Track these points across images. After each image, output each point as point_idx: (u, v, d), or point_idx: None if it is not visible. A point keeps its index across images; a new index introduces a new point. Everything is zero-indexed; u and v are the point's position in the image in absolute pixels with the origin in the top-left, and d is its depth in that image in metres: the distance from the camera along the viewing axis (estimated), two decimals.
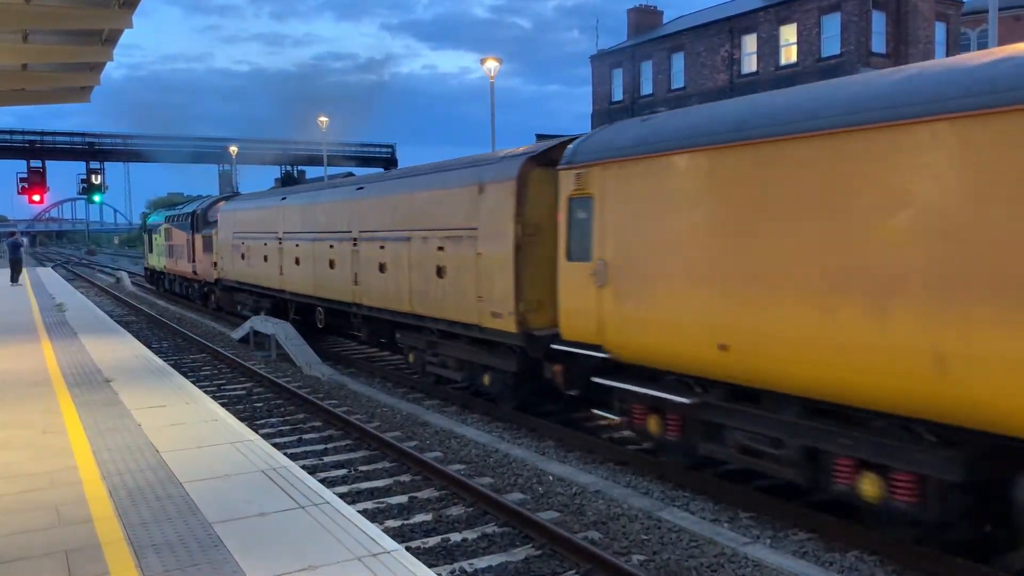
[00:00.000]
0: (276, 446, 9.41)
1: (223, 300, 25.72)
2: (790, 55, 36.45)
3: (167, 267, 33.69)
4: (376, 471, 9.45)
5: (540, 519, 7.32)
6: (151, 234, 37.75)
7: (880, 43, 34.25)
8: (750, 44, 38.28)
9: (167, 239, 32.74)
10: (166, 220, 33.38)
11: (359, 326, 16.64)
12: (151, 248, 38.16)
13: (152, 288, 38.69)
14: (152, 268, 38.40)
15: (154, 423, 8.28)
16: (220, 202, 26.97)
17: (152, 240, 37.40)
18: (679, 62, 42.14)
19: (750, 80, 37.28)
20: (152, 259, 37.96)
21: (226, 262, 24.37)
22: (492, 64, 28.98)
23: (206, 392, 11.84)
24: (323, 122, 48.11)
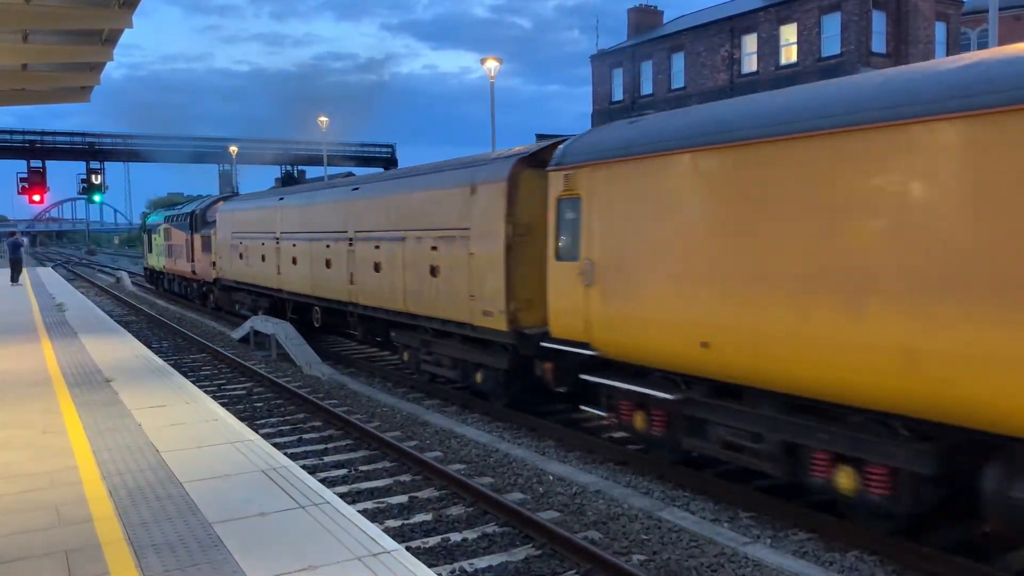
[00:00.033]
0: (276, 446, 9.41)
1: (222, 299, 25.84)
2: (790, 55, 36.44)
3: (166, 267, 33.79)
4: (376, 471, 9.45)
5: (540, 519, 7.32)
6: (150, 234, 37.85)
7: (880, 43, 34.24)
8: (750, 44, 38.27)
9: (166, 239, 32.85)
10: (165, 220, 33.48)
11: (355, 325, 16.79)
12: (150, 248, 38.25)
13: (152, 288, 38.73)
14: (151, 268, 38.47)
15: (154, 423, 8.28)
16: (219, 202, 27.07)
17: (151, 240, 37.47)
18: (679, 62, 42.14)
19: (750, 80, 37.27)
20: (151, 259, 38.02)
21: (224, 262, 24.48)
22: (492, 64, 28.98)
23: (206, 392, 11.84)
24: (323, 122, 48.11)
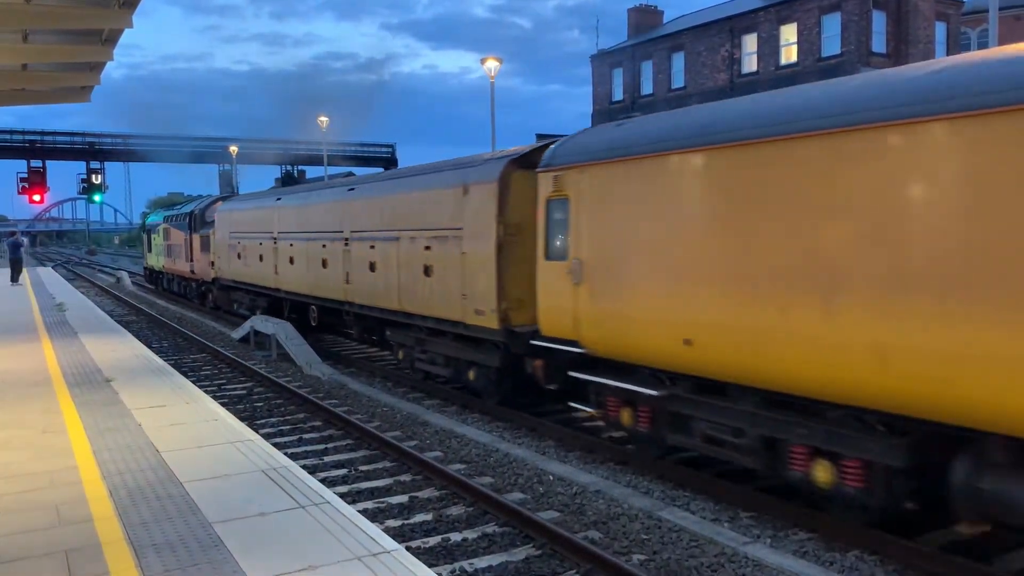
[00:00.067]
0: (276, 446, 9.41)
1: (220, 299, 26.03)
2: (790, 55, 36.42)
3: (165, 266, 33.90)
4: (376, 471, 9.45)
5: (540, 519, 7.32)
6: (150, 234, 37.96)
7: (880, 43, 34.24)
8: (750, 44, 38.26)
9: (165, 239, 32.99)
10: (164, 220, 33.60)
11: (351, 324, 17.06)
12: (150, 248, 38.35)
13: (151, 288, 38.76)
14: (151, 268, 38.58)
15: (154, 423, 8.28)
16: (217, 202, 27.25)
17: (151, 240, 37.56)
18: (679, 62, 42.13)
19: (750, 80, 37.26)
20: (151, 259, 38.12)
21: (223, 261, 24.67)
22: (492, 64, 28.96)
23: (206, 392, 11.84)
24: (323, 122, 48.08)
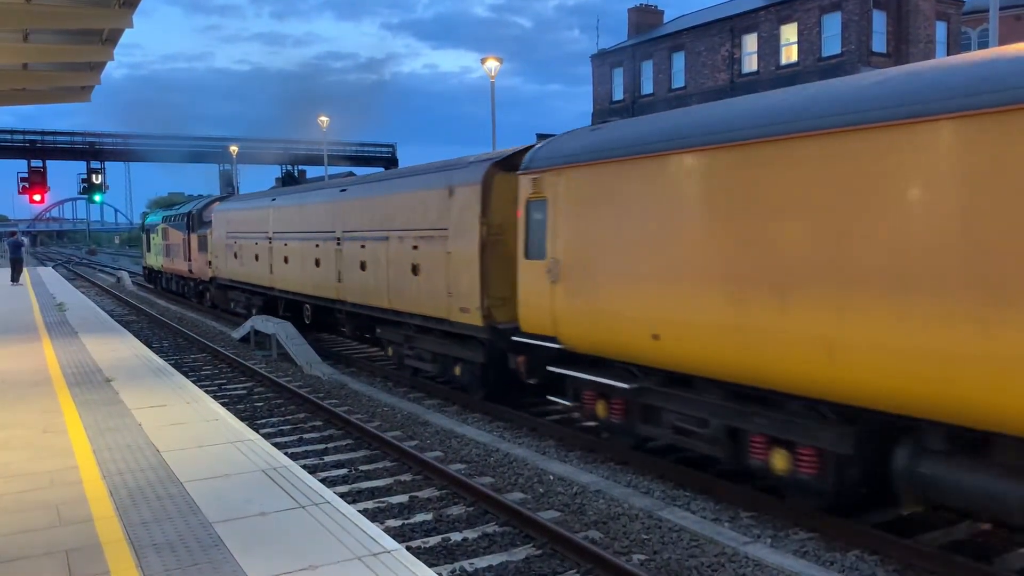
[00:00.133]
0: (277, 446, 9.42)
1: (217, 298, 26.42)
2: (791, 54, 36.41)
3: (164, 266, 34.17)
4: (377, 471, 9.45)
5: (541, 519, 7.32)
6: (149, 234, 38.15)
7: (881, 42, 34.23)
8: (751, 43, 38.25)
9: (164, 239, 33.30)
10: (163, 220, 33.88)
11: (343, 322, 17.52)
12: (149, 247, 38.54)
13: (151, 287, 38.87)
14: (150, 267, 38.82)
15: (155, 423, 8.28)
16: (215, 203, 27.60)
17: (150, 240, 37.74)
18: (679, 61, 42.13)
19: (751, 79, 37.26)
20: (150, 258, 38.33)
21: (220, 261, 25.06)
22: (493, 63, 28.94)
23: (207, 392, 11.85)
24: (323, 122, 48.07)
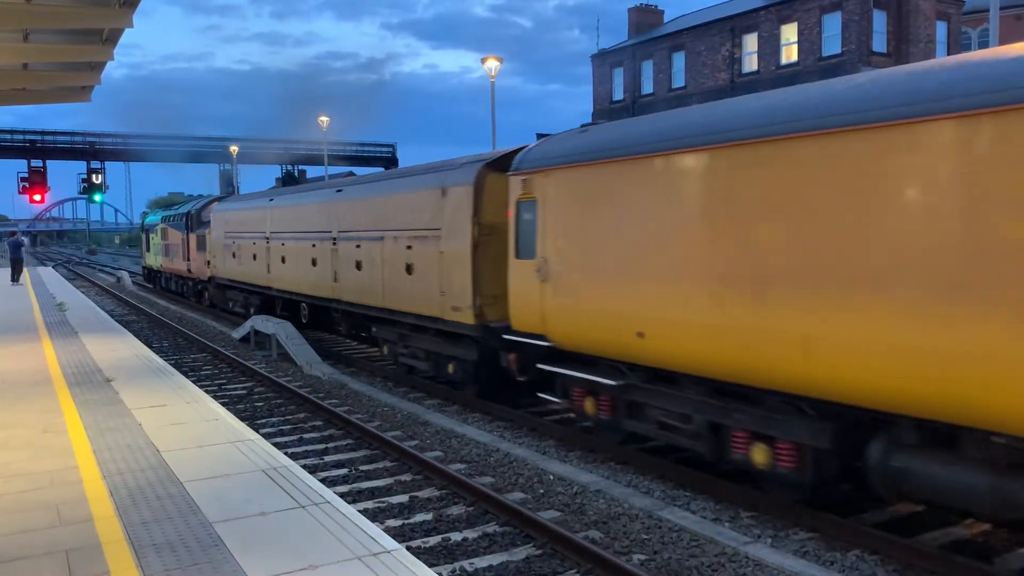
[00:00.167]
0: (277, 445, 9.43)
1: (216, 297, 26.67)
2: (791, 54, 36.41)
3: (163, 266, 34.38)
4: (377, 470, 9.44)
5: (541, 518, 7.32)
6: (148, 234, 38.26)
7: (881, 42, 34.23)
8: (751, 43, 38.24)
9: (163, 239, 33.52)
10: (162, 220, 34.06)
11: (339, 321, 17.78)
12: (148, 247, 38.65)
13: (150, 287, 38.95)
14: (149, 267, 38.96)
15: (155, 422, 8.28)
16: (213, 203, 27.81)
17: (149, 240, 37.85)
18: (680, 61, 42.12)
19: (751, 79, 37.25)
20: (149, 258, 38.48)
21: (218, 260, 25.30)
22: (493, 63, 28.92)
23: (207, 391, 11.85)
24: (323, 122, 48.06)
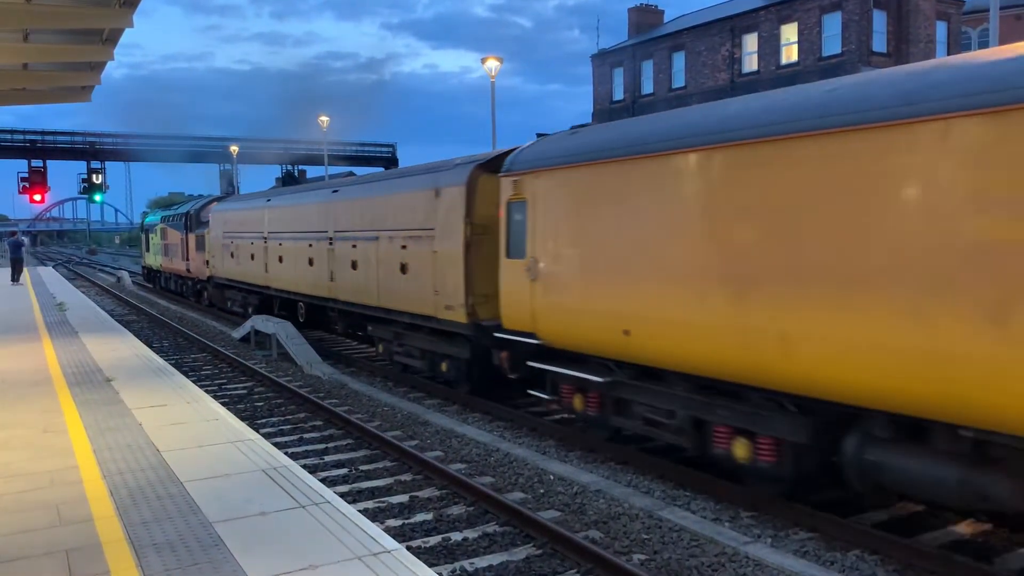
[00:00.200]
0: (277, 445, 9.42)
1: (214, 296, 26.84)
2: (791, 54, 36.40)
3: (163, 265, 34.51)
4: (377, 470, 9.44)
5: (541, 518, 7.32)
6: (148, 234, 38.34)
7: (881, 42, 34.22)
8: (751, 43, 38.24)
9: (163, 238, 33.66)
10: (162, 220, 34.19)
11: (336, 320, 18.04)
12: (148, 247, 38.72)
13: (150, 287, 38.99)
14: (149, 266, 39.08)
15: (155, 422, 8.28)
16: (212, 203, 27.95)
17: (149, 239, 37.93)
18: (680, 61, 42.12)
19: (751, 79, 37.25)
20: (149, 258, 38.58)
21: (217, 260, 25.46)
22: (493, 63, 28.91)
23: (207, 391, 11.85)
24: (323, 122, 48.05)
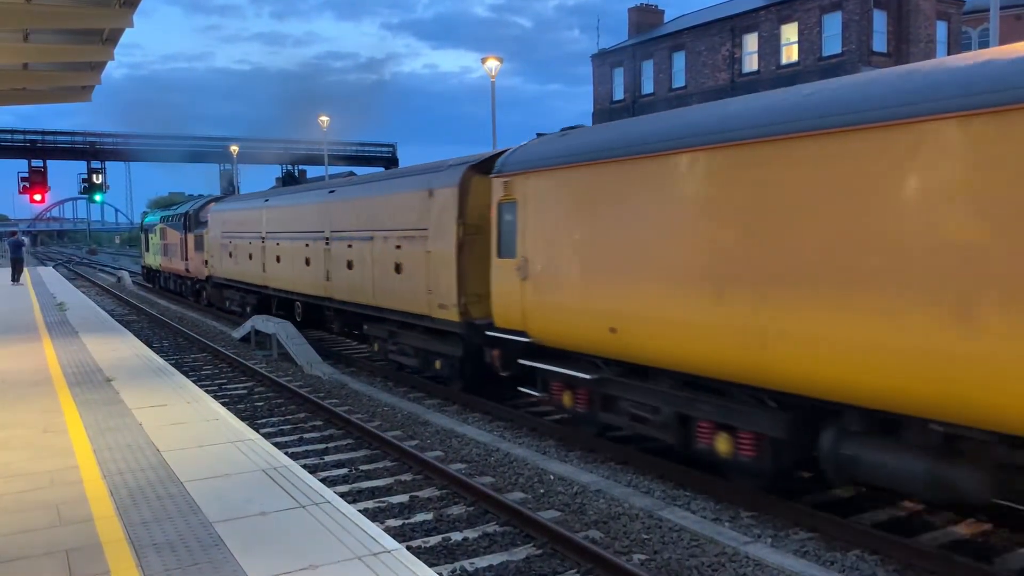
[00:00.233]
0: (277, 445, 9.43)
1: (213, 296, 26.95)
2: (791, 54, 36.40)
3: (162, 265, 34.59)
4: (377, 470, 9.44)
5: (541, 518, 7.32)
6: (147, 234, 38.40)
7: (881, 42, 34.22)
8: (751, 43, 38.23)
9: (162, 238, 33.74)
10: (161, 220, 34.26)
11: (332, 319, 18.29)
12: (147, 247, 38.76)
13: (150, 286, 39.03)
14: (148, 266, 39.13)
15: (155, 422, 8.28)
16: (211, 203, 28.04)
17: (148, 239, 37.98)
18: (680, 61, 42.12)
19: (751, 79, 37.25)
20: (148, 257, 38.64)
21: (216, 260, 25.59)
22: (493, 63, 28.90)
23: (207, 391, 11.85)
24: (324, 122, 48.05)
